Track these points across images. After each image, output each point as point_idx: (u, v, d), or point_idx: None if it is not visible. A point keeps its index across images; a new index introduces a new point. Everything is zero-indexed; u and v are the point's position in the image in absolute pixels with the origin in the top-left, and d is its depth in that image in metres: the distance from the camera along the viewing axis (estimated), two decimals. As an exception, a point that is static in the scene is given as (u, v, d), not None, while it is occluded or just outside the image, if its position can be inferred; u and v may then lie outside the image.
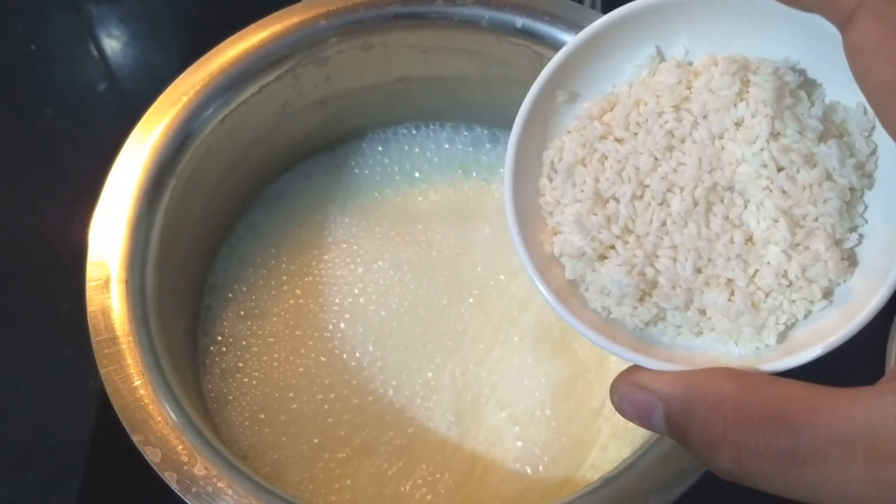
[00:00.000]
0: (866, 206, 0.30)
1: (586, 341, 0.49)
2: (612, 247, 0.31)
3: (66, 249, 0.47)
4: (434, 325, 0.51)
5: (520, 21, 0.48)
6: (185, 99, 0.46)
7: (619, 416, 0.47)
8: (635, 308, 0.30)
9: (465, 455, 0.47)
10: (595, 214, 0.31)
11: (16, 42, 0.68)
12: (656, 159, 0.31)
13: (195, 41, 0.67)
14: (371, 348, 0.50)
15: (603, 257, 0.31)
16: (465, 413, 0.48)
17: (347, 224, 0.54)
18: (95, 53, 0.68)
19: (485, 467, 0.47)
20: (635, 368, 0.30)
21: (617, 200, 0.31)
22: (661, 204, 0.30)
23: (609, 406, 0.48)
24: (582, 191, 0.31)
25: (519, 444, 0.47)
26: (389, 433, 0.48)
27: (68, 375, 0.54)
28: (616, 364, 0.49)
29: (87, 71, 0.67)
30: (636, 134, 0.31)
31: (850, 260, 0.30)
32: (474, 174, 0.55)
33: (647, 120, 0.31)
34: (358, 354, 0.50)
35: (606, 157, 0.31)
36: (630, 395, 0.29)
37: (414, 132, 0.57)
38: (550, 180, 0.32)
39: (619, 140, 0.32)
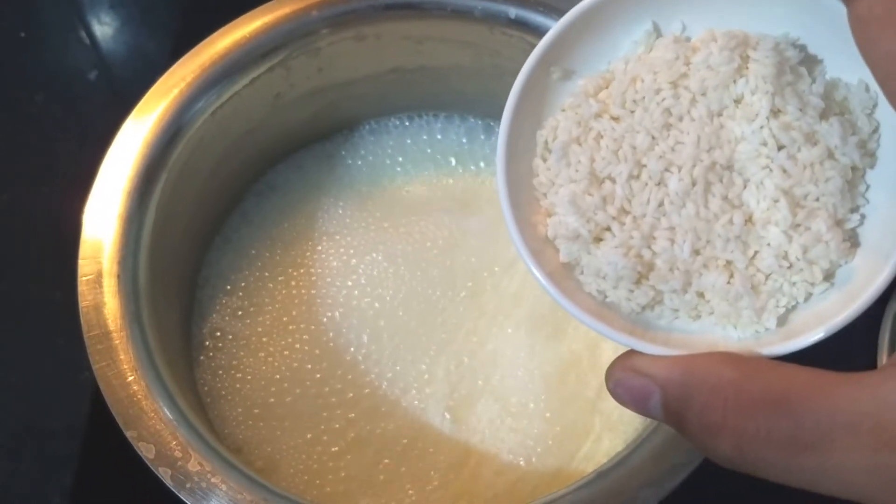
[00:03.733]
0: (868, 186, 0.29)
1: (580, 333, 0.50)
2: (608, 228, 0.30)
3: (58, 238, 0.46)
4: (428, 317, 0.51)
5: (513, 11, 0.48)
6: (175, 91, 0.46)
7: (612, 407, 0.48)
8: (631, 291, 0.30)
9: (459, 447, 0.48)
10: (590, 195, 0.30)
11: (5, 28, 0.67)
12: (653, 138, 0.30)
13: (186, 27, 0.66)
14: (365, 340, 0.50)
15: (598, 239, 0.30)
16: (459, 405, 0.48)
17: (341, 215, 0.54)
18: (86, 40, 0.67)
19: (478, 459, 0.47)
20: (631, 353, 0.29)
21: (613, 180, 0.30)
22: (659, 184, 0.30)
23: (603, 397, 0.48)
24: (577, 171, 0.31)
25: (512, 435, 0.48)
26: (383, 426, 0.48)
27: (61, 364, 0.54)
28: (610, 354, 0.49)
29: (78, 57, 0.67)
30: (633, 112, 0.31)
31: (852, 241, 0.29)
32: (468, 165, 0.55)
33: (643, 97, 0.30)
34: (352, 348, 0.50)
35: (602, 136, 0.31)
36: (626, 381, 0.28)
37: (407, 123, 0.56)
38: (544, 160, 0.32)
39: (615, 118, 0.31)
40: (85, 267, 0.42)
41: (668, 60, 0.30)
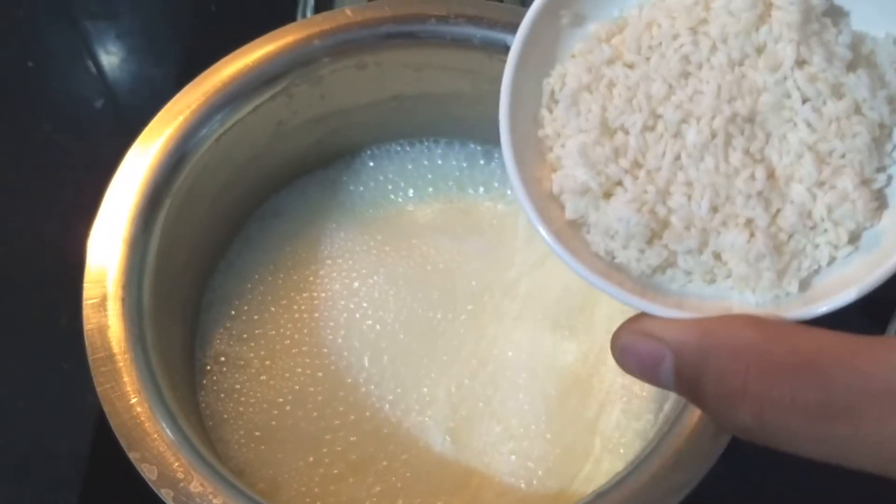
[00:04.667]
0: (895, 145, 0.28)
1: (581, 355, 0.50)
2: (620, 183, 0.28)
3: (64, 263, 0.47)
4: (429, 339, 0.51)
5: (511, 39, 0.48)
6: (180, 118, 0.47)
7: (612, 429, 0.48)
8: (642, 252, 0.28)
9: (460, 469, 0.48)
10: (601, 146, 0.28)
11: (12, 58, 0.68)
12: (670, 86, 0.28)
13: (192, 56, 0.67)
14: (367, 364, 0.50)
15: (609, 195, 0.28)
16: (460, 427, 0.49)
17: (343, 239, 0.54)
18: (93, 69, 0.68)
19: (479, 481, 0.47)
20: (640, 317, 0.27)
21: (626, 131, 0.28)
22: (675, 136, 0.28)
23: (603, 419, 0.49)
24: (587, 120, 0.29)
25: (513, 457, 0.48)
26: (385, 448, 0.48)
27: (66, 388, 0.55)
28: (612, 375, 0.49)
29: (85, 86, 0.68)
30: (648, 58, 0.29)
31: (880, 202, 0.27)
32: (468, 190, 0.56)
33: (660, 43, 0.29)
34: (354, 370, 0.50)
35: (615, 84, 0.29)
36: (635, 346, 0.26)
37: (408, 149, 0.57)
38: (550, 111, 0.30)
39: (629, 65, 0.29)
40: (90, 290, 0.43)
41: (687, 5, 0.29)
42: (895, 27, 0.26)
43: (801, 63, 0.27)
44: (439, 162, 0.57)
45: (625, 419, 0.49)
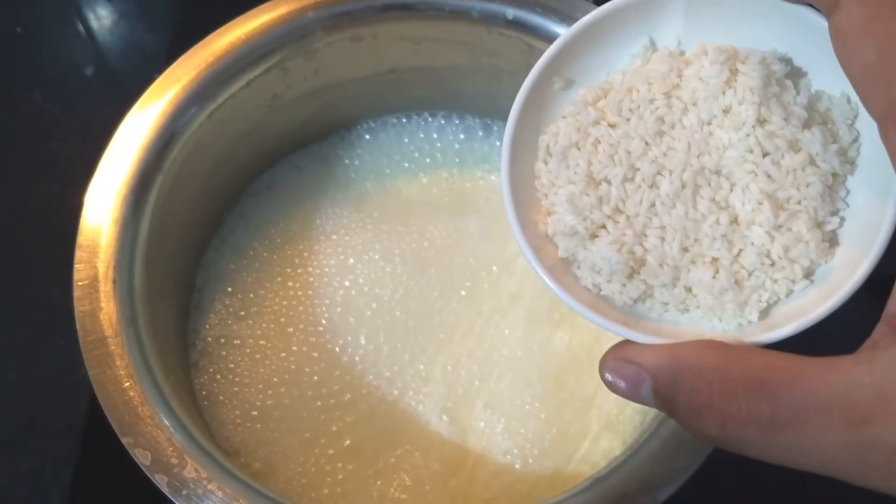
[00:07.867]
0: (848, 191, 0.31)
1: (577, 334, 0.50)
2: (604, 226, 0.32)
3: (56, 235, 0.46)
4: (426, 317, 0.51)
5: (511, 12, 0.47)
6: (171, 94, 0.46)
7: (610, 407, 0.48)
8: (624, 285, 0.31)
9: (456, 447, 0.48)
10: (587, 195, 0.32)
11: (1, 24, 0.67)
12: (647, 144, 0.32)
13: (184, 20, 0.66)
14: (363, 341, 0.50)
15: (594, 236, 0.32)
16: (457, 405, 0.49)
17: (338, 215, 0.54)
18: (83, 35, 0.67)
19: (475, 460, 0.47)
20: (623, 344, 0.30)
21: (609, 182, 0.32)
22: (651, 186, 0.32)
23: (600, 397, 0.48)
24: (575, 173, 0.32)
25: (509, 436, 0.48)
26: (381, 427, 0.48)
27: (60, 363, 0.54)
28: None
29: (75, 53, 0.67)
30: (628, 119, 0.32)
31: (831, 241, 0.31)
32: (466, 165, 0.55)
33: (639, 106, 0.32)
34: (350, 348, 0.50)
35: (600, 142, 0.32)
36: (619, 370, 0.29)
37: (405, 122, 0.56)
38: (546, 163, 0.33)
39: (612, 125, 0.33)
40: (81, 272, 0.42)
41: (663, 72, 0.32)
42: (848, 86, 0.29)
43: (762, 122, 0.31)
44: (436, 135, 0.56)
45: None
